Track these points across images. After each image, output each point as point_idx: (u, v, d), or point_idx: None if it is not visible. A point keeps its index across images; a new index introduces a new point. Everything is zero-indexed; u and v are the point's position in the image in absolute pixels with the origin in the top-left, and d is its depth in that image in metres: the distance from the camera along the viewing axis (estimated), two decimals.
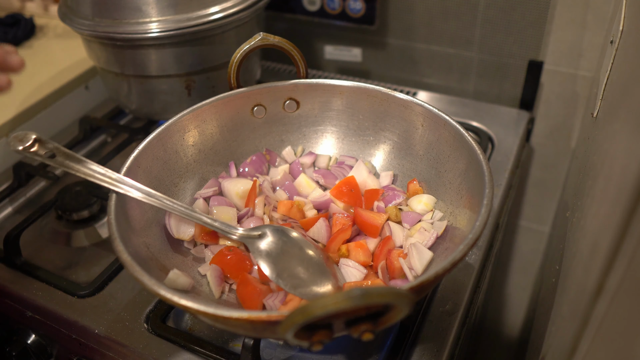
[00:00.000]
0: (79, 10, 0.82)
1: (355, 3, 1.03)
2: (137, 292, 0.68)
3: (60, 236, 0.78)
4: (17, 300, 0.70)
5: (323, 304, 0.36)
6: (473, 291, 0.68)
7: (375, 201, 0.67)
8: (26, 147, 0.58)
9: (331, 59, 1.17)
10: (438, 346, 0.60)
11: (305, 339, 0.40)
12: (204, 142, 0.70)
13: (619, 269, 0.33)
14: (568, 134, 1.02)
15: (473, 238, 0.49)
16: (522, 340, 1.19)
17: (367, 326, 0.40)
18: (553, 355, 0.53)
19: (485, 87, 1.06)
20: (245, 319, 0.43)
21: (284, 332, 0.39)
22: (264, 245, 0.59)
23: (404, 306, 0.38)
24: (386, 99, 0.69)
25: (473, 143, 0.59)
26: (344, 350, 0.60)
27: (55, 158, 0.59)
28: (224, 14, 0.80)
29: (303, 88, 0.72)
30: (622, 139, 0.42)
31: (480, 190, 0.54)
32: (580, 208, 0.61)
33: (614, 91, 0.57)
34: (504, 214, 0.82)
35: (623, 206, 0.33)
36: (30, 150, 0.58)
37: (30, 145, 0.58)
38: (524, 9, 0.94)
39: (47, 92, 0.97)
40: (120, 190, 0.57)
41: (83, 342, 0.66)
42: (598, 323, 0.37)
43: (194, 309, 0.44)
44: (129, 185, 0.58)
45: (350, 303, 0.36)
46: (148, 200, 0.58)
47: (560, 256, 0.71)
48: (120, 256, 0.50)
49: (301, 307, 0.37)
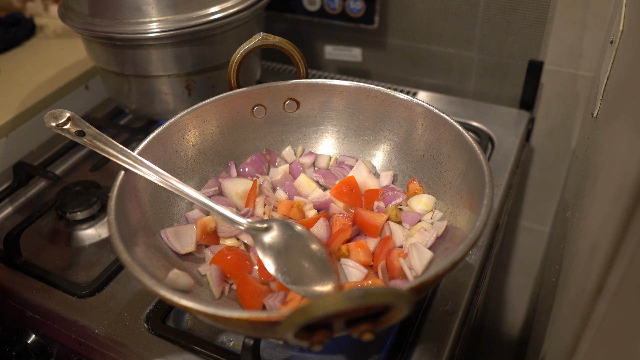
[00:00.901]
0: (79, 10, 0.82)
1: (355, 3, 1.03)
2: (137, 292, 0.68)
3: (60, 236, 0.78)
4: (17, 300, 0.70)
5: (323, 304, 0.36)
6: (473, 291, 0.68)
7: (375, 201, 0.67)
8: (59, 124, 0.61)
9: (331, 59, 1.17)
10: (438, 346, 0.60)
11: (305, 339, 0.40)
12: (204, 142, 0.70)
13: (619, 268, 0.33)
14: (568, 134, 1.02)
15: (473, 238, 0.49)
16: (522, 340, 1.19)
17: (367, 326, 0.40)
18: (553, 355, 0.53)
19: (485, 87, 1.06)
20: (245, 319, 0.43)
21: (284, 332, 0.39)
22: (269, 238, 0.59)
23: (404, 306, 0.38)
24: (386, 99, 0.69)
25: (473, 143, 0.59)
26: (344, 350, 0.60)
27: (85, 137, 0.61)
28: (224, 14, 0.80)
29: (303, 88, 0.72)
30: (623, 139, 0.42)
31: (480, 190, 0.54)
32: (580, 208, 0.61)
33: (614, 91, 0.57)
34: (504, 214, 0.82)
35: (623, 206, 0.33)
36: (63, 128, 0.61)
37: (64, 122, 0.62)
38: (524, 9, 0.94)
39: (47, 92, 0.97)
40: (141, 173, 0.60)
41: (83, 342, 0.66)
42: (598, 323, 0.37)
43: (194, 309, 0.44)
44: (152, 170, 0.60)
45: (350, 303, 0.36)
46: (171, 188, 0.61)
47: (560, 256, 0.71)
48: (120, 256, 0.50)
49: (301, 308, 0.37)
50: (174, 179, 0.61)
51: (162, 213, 0.64)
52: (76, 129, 0.62)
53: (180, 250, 0.62)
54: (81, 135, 0.61)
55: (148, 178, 0.60)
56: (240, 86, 0.71)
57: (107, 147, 0.61)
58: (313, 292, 0.55)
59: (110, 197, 0.56)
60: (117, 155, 0.60)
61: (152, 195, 0.63)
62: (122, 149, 0.61)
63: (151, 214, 0.62)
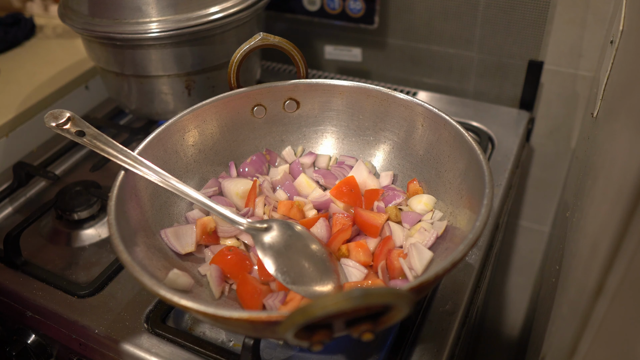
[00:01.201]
0: (79, 10, 0.82)
1: (355, 3, 1.03)
2: (137, 292, 0.68)
3: (60, 236, 0.78)
4: (17, 300, 0.70)
5: (323, 304, 0.36)
6: (473, 291, 0.68)
7: (375, 201, 0.67)
8: (60, 124, 0.61)
9: (331, 59, 1.17)
10: (438, 346, 0.60)
11: (305, 339, 0.40)
12: (204, 142, 0.70)
13: (619, 268, 0.33)
14: (568, 134, 1.02)
15: (473, 238, 0.49)
16: (522, 340, 1.19)
17: (367, 326, 0.40)
18: (553, 355, 0.53)
19: (485, 87, 1.06)
20: (245, 319, 0.43)
21: (284, 332, 0.39)
22: (269, 238, 0.59)
23: (404, 306, 0.38)
24: (386, 99, 0.69)
25: (473, 143, 0.59)
26: (344, 350, 0.60)
27: (84, 137, 0.61)
28: (224, 14, 0.80)
29: (303, 88, 0.72)
30: (622, 139, 0.42)
31: (480, 190, 0.54)
32: (580, 208, 0.61)
33: (614, 91, 0.57)
34: (504, 214, 0.82)
35: (623, 206, 0.33)
36: (63, 128, 0.61)
37: (64, 122, 0.62)
38: (524, 9, 0.94)
39: (47, 92, 0.97)
40: (141, 173, 0.59)
41: (83, 342, 0.66)
42: (598, 323, 0.37)
43: (194, 309, 0.44)
44: (152, 170, 0.60)
45: (350, 303, 0.36)
46: (171, 188, 0.61)
47: (560, 256, 0.71)
48: (121, 256, 0.50)
49: (301, 308, 0.37)
50: (174, 179, 0.61)
51: (162, 213, 0.64)
52: (76, 129, 0.62)
53: (180, 251, 0.62)
54: (81, 136, 0.61)
55: (148, 178, 0.60)
56: (240, 86, 0.71)
57: (107, 147, 0.61)
58: (313, 292, 0.55)
59: (110, 197, 0.56)
60: (117, 155, 0.60)
61: (152, 195, 0.63)
62: (122, 149, 0.61)
63: (151, 214, 0.62)
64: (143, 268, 0.49)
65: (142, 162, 0.60)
